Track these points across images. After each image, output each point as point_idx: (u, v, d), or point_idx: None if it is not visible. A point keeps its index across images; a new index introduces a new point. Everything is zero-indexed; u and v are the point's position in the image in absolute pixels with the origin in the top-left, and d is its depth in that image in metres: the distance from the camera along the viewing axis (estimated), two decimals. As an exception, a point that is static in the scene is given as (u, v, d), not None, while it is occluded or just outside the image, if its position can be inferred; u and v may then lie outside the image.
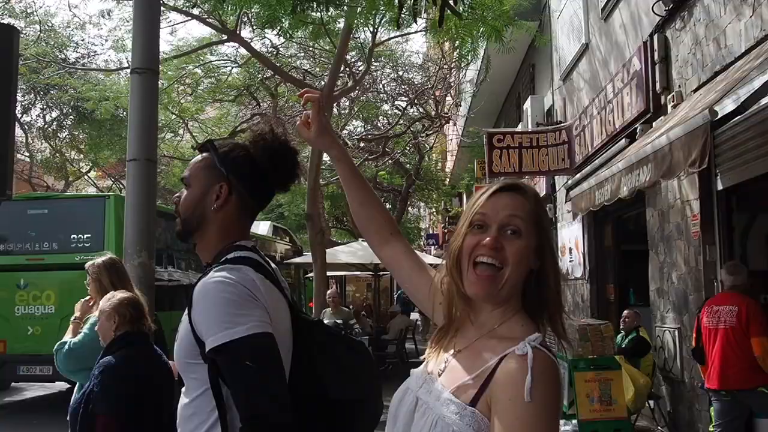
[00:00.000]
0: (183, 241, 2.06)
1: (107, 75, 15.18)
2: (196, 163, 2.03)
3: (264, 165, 1.97)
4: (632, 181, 5.25)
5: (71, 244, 10.32)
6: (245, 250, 1.92)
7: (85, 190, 28.46)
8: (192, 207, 1.97)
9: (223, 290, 1.72)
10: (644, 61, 8.03)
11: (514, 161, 11.59)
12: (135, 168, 4.50)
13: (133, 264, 4.33)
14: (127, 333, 3.73)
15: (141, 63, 4.54)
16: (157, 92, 4.70)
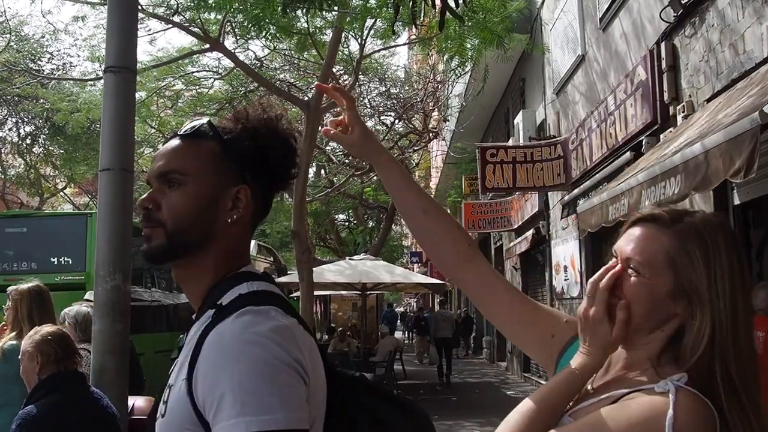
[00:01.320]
0: (158, 262, 1.38)
1: (82, 86, 14.61)
2: (186, 150, 1.39)
3: (274, 157, 1.43)
4: (656, 194, 4.83)
5: (51, 265, 9.82)
6: (257, 279, 1.37)
7: (61, 207, 27.76)
8: (193, 216, 1.35)
9: (254, 352, 1.17)
10: (650, 71, 7.66)
11: (508, 176, 11.22)
12: (108, 178, 3.98)
13: (106, 288, 3.81)
14: (54, 375, 3.23)
15: (116, 61, 4.03)
16: (134, 93, 4.19)
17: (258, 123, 1.42)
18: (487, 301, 1.61)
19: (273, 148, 1.42)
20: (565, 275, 11.85)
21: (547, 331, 1.51)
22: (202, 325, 1.29)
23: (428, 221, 1.64)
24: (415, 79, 17.85)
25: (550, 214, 12.98)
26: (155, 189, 1.38)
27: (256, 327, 1.19)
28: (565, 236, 11.81)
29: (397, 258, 32.74)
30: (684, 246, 1.29)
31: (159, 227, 1.35)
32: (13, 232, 10.20)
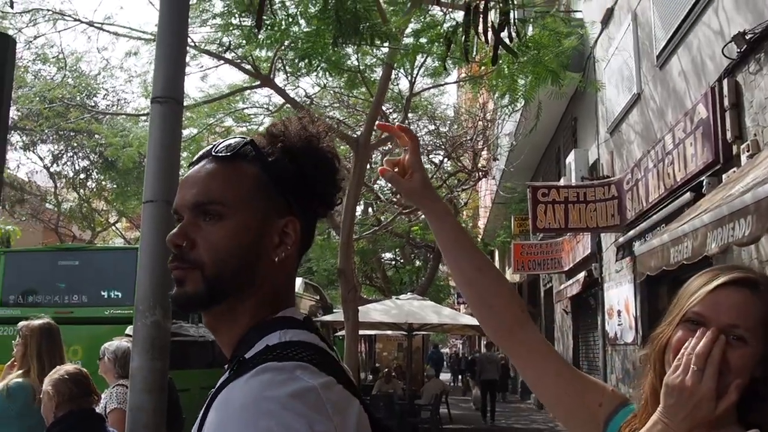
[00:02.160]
0: (192, 310, 1.18)
1: (135, 122, 14.86)
2: (227, 174, 1.16)
3: (319, 181, 1.22)
4: (723, 236, 4.54)
5: (101, 298, 9.91)
6: (294, 326, 1.14)
7: (112, 241, 28.20)
8: (237, 256, 1.13)
9: (262, 424, 0.94)
10: (711, 109, 7.37)
11: (560, 217, 10.93)
12: (152, 210, 3.89)
13: (145, 323, 3.69)
14: (68, 414, 3.33)
15: (163, 92, 3.97)
16: (180, 125, 4.11)
17: (300, 141, 1.20)
18: (535, 370, 1.55)
19: (317, 170, 1.21)
20: (618, 320, 11.43)
21: (596, 401, 1.47)
22: (222, 379, 1.09)
23: (482, 280, 1.56)
24: (465, 118, 17.73)
25: (603, 257, 12.61)
26: (188, 222, 1.16)
27: (273, 391, 0.98)
28: (619, 279, 11.43)
29: (443, 298, 32.37)
30: None
31: (195, 270, 1.13)
32: (66, 265, 10.34)
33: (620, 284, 11.34)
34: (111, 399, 4.49)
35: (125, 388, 4.57)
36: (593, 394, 1.48)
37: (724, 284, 1.29)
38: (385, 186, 20.96)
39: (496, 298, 1.55)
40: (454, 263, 1.58)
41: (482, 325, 1.60)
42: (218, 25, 9.19)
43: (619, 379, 11.45)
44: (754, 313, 1.26)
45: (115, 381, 4.63)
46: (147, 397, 3.63)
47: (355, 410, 1.07)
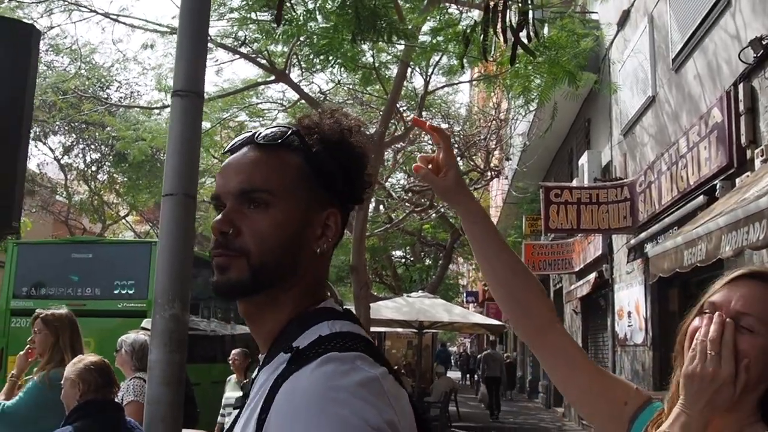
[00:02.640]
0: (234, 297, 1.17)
1: (148, 115, 14.91)
2: (273, 162, 1.16)
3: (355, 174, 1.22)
4: (738, 239, 4.56)
5: (114, 291, 9.89)
6: (339, 317, 1.15)
7: (122, 234, 28.34)
8: (283, 246, 1.13)
9: (336, 412, 0.95)
10: (726, 113, 7.38)
11: (572, 217, 10.94)
12: (171, 204, 3.89)
13: (164, 316, 3.70)
14: (90, 402, 3.38)
15: (184, 85, 3.97)
16: (201, 118, 4.13)
17: (335, 134, 1.20)
18: (563, 369, 1.59)
19: (351, 164, 1.22)
20: (628, 321, 11.44)
21: (621, 399, 1.50)
22: (273, 370, 1.09)
23: (514, 280, 1.58)
24: (479, 117, 17.73)
25: (614, 258, 12.60)
26: (232, 209, 1.14)
27: (341, 380, 0.99)
28: (629, 281, 11.43)
29: (452, 297, 32.39)
30: None
31: (240, 257, 1.12)
32: (79, 258, 10.31)
33: (631, 285, 11.34)
34: (128, 391, 4.53)
35: (142, 381, 4.62)
36: (619, 393, 1.51)
37: (739, 276, 1.35)
38: (397, 184, 21.00)
39: (528, 299, 1.58)
40: (485, 262, 1.59)
41: (513, 324, 1.63)
42: (235, 18, 9.23)
43: (629, 380, 11.44)
44: (765, 304, 1.30)
45: (132, 373, 4.67)
46: (165, 389, 3.65)
47: (407, 400, 1.09)
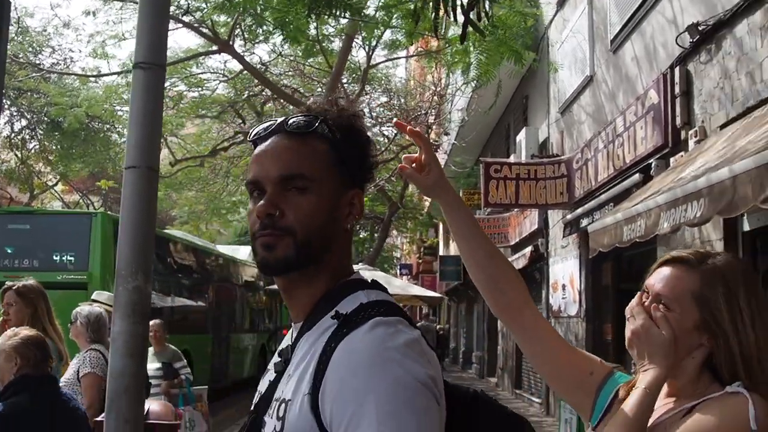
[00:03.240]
0: (281, 273, 1.29)
1: (83, 82, 14.50)
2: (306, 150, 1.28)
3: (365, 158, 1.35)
4: (676, 216, 4.82)
5: (53, 263, 9.84)
6: (369, 287, 1.29)
7: (50, 204, 27.55)
8: (322, 225, 1.26)
9: (391, 369, 1.09)
10: (663, 95, 7.68)
11: (511, 193, 11.22)
12: (133, 176, 3.89)
13: (127, 288, 3.72)
14: (28, 376, 3.33)
15: (146, 57, 3.95)
16: (163, 91, 4.13)
17: (345, 121, 1.32)
18: (535, 344, 1.76)
19: (363, 146, 1.35)
20: (563, 294, 11.85)
21: (587, 370, 1.68)
22: (319, 335, 1.21)
23: (492, 266, 1.74)
24: (418, 91, 17.86)
25: (550, 233, 12.99)
26: (274, 194, 1.26)
27: (391, 341, 1.12)
28: (564, 255, 11.82)
29: (387, 269, 32.71)
30: (708, 286, 1.52)
31: (287, 236, 1.24)
32: (16, 229, 10.17)
33: (566, 259, 11.72)
34: (84, 363, 4.52)
35: (98, 352, 4.62)
36: (585, 365, 1.71)
37: (665, 261, 1.61)
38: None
39: (505, 282, 1.74)
40: (467, 250, 1.74)
41: (491, 304, 1.79)
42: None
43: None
44: (681, 286, 1.54)
45: (87, 345, 4.66)
46: (128, 361, 3.68)
47: (438, 365, 1.21)
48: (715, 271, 1.53)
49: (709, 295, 1.51)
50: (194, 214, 20.51)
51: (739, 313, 1.49)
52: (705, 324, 1.51)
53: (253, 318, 19.62)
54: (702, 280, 1.53)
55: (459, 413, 1.25)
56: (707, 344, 1.51)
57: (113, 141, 16.99)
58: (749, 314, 1.49)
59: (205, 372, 14.89)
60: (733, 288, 1.51)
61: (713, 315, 1.50)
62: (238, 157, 17.29)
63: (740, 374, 1.48)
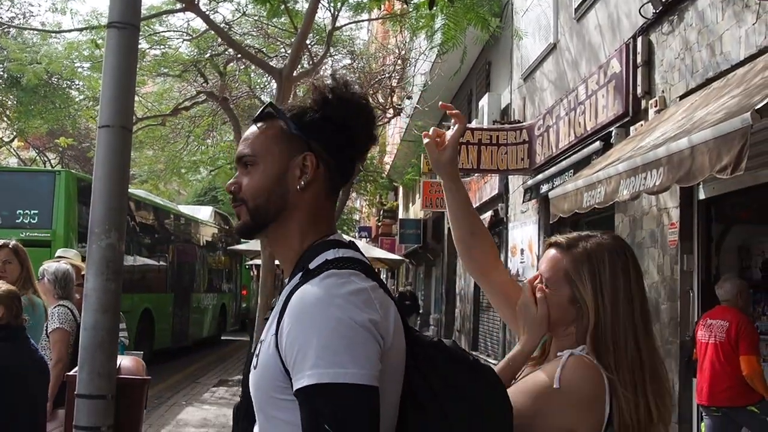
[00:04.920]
0: (248, 237, 1.61)
1: (44, 38, 14.17)
2: (257, 134, 1.53)
3: (346, 125, 1.51)
4: (636, 184, 4.99)
5: (16, 220, 9.90)
6: (343, 246, 1.46)
7: (7, 161, 26.97)
8: (267, 190, 1.48)
9: (332, 312, 1.28)
10: (625, 64, 7.84)
11: (473, 158, 11.36)
12: (107, 135, 3.95)
13: (100, 246, 3.78)
14: (11, 326, 3.65)
15: (121, 17, 3.98)
16: (137, 50, 4.14)
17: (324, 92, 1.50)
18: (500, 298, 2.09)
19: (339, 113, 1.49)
20: (521, 258, 12.09)
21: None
22: (291, 286, 1.41)
23: (474, 240, 2.08)
24: (381, 54, 17.80)
25: (510, 198, 13.20)
26: (238, 173, 1.54)
27: (336, 289, 1.31)
28: (524, 220, 12.04)
29: (347, 231, 32.80)
30: (575, 266, 1.76)
31: (242, 205, 1.51)
32: None
33: (525, 224, 11.95)
34: (53, 319, 4.56)
35: (66, 308, 4.67)
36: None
37: (549, 244, 1.87)
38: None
39: (484, 253, 2.10)
40: (456, 224, 2.08)
41: (467, 266, 2.15)
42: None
43: (518, 313, 12.16)
44: (556, 266, 1.80)
45: (55, 301, 4.70)
46: (102, 316, 3.75)
47: (394, 309, 1.39)
48: (582, 253, 1.77)
49: (576, 274, 1.76)
50: (153, 173, 20.26)
51: (600, 289, 1.73)
52: (574, 299, 1.76)
53: (214, 278, 19.64)
54: (572, 262, 1.77)
55: (420, 357, 1.41)
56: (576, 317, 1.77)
57: (72, 98, 16.67)
58: (610, 291, 1.73)
59: (166, 331, 14.92)
60: (598, 267, 1.74)
61: (579, 291, 1.75)
62: (199, 117, 17.10)
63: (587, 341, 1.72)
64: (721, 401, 5.31)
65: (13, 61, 13.03)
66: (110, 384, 3.75)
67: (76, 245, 9.64)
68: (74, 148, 23.97)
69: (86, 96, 16.49)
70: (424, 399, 1.36)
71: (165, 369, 13.71)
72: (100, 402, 3.64)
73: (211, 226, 19.39)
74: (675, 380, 6.69)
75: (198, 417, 9.83)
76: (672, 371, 6.78)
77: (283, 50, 14.25)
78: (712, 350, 5.37)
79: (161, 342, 14.51)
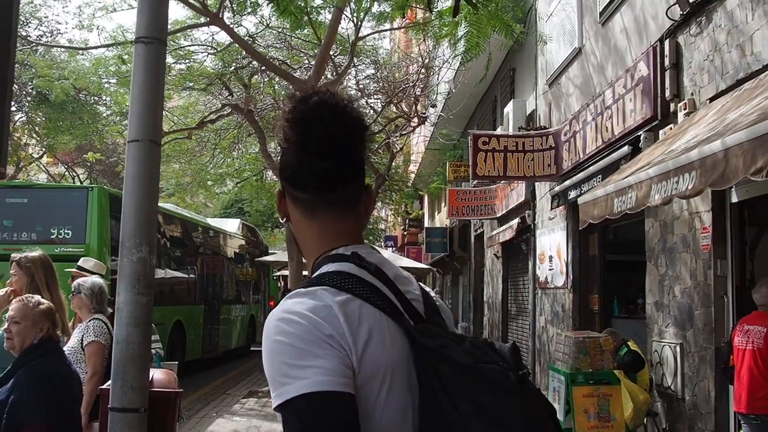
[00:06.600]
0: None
1: (71, 55, 14.37)
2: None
3: (300, 141, 1.43)
4: (668, 188, 4.92)
5: (51, 236, 10.09)
6: (339, 260, 1.44)
7: (36, 176, 27.36)
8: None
9: (280, 332, 1.31)
10: (652, 67, 7.76)
11: (499, 165, 11.30)
12: (136, 150, 3.97)
13: (131, 260, 3.80)
14: (51, 340, 3.69)
15: (148, 32, 4.01)
16: (164, 65, 4.17)
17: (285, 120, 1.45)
18: None
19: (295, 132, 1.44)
20: (549, 265, 11.99)
21: None
22: None
23: None
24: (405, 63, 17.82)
25: (537, 204, 13.10)
26: None
27: (292, 307, 1.33)
28: (551, 226, 11.94)
29: (372, 241, 32.82)
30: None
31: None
32: (14, 203, 10.35)
33: (553, 231, 11.85)
34: (88, 332, 4.61)
35: (101, 321, 4.71)
36: None
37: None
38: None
39: None
40: None
41: None
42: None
43: (548, 321, 12.07)
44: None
45: (90, 315, 4.74)
46: (134, 330, 3.77)
47: (369, 321, 1.34)
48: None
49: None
50: (180, 186, 20.43)
51: None
52: None
53: (242, 289, 19.74)
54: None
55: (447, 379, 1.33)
56: None
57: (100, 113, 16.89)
58: None
59: (196, 342, 15.02)
60: None
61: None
62: (225, 130, 17.23)
63: None
64: (760, 409, 5.20)
65: (42, 77, 13.22)
66: (143, 397, 3.76)
67: (108, 259, 9.77)
68: (102, 162, 24.26)
69: (113, 111, 16.71)
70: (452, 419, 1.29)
71: (195, 380, 13.78)
72: (133, 415, 3.65)
73: (239, 238, 19.50)
74: (711, 387, 6.57)
75: (228, 429, 9.85)
76: (707, 378, 6.67)
77: (307, 61, 14.32)
78: (750, 357, 5.26)
79: (192, 353, 14.62)
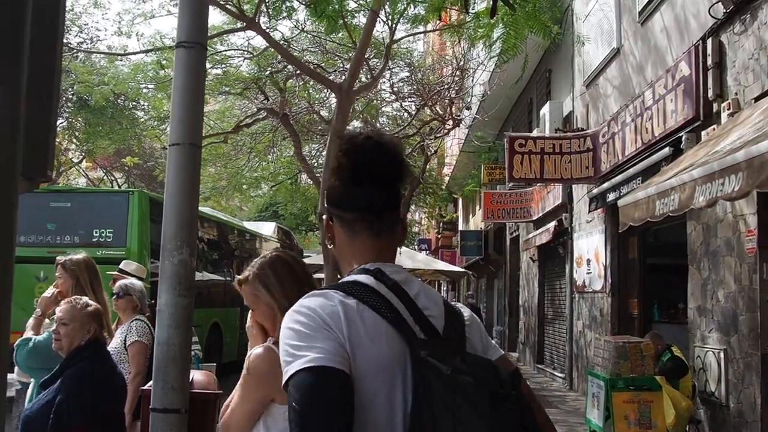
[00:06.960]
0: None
1: (111, 61, 14.58)
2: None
3: (351, 168, 1.67)
4: (713, 190, 4.81)
5: (93, 239, 10.31)
6: (363, 273, 1.62)
7: (76, 181, 27.82)
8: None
9: (292, 320, 1.53)
10: (694, 66, 7.62)
11: (536, 167, 11.21)
12: (177, 153, 3.98)
13: (173, 262, 3.81)
14: (99, 342, 3.74)
15: (189, 36, 4.02)
16: (204, 69, 4.18)
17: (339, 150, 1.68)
18: None
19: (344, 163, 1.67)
20: (587, 268, 11.84)
21: None
22: None
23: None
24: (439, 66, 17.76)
25: (574, 207, 12.95)
26: None
27: (306, 303, 1.52)
28: (589, 229, 11.79)
29: (406, 244, 32.76)
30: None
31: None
32: (58, 207, 10.60)
33: (591, 234, 11.70)
34: (131, 332, 4.68)
35: (143, 322, 4.76)
36: None
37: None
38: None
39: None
40: None
41: None
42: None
43: (586, 325, 11.90)
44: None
45: (132, 316, 4.80)
46: (175, 332, 3.78)
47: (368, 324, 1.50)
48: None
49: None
50: (216, 189, 20.62)
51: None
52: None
53: (277, 292, 19.82)
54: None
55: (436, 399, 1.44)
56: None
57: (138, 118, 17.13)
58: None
59: (233, 344, 15.14)
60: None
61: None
62: (260, 133, 17.33)
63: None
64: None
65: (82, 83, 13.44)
66: (183, 398, 3.78)
67: (148, 262, 9.90)
68: (140, 167, 24.59)
69: (151, 116, 16.92)
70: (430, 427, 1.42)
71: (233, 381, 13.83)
72: (173, 416, 3.67)
73: (274, 241, 19.62)
74: (756, 394, 6.42)
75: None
76: (753, 385, 6.51)
77: (342, 65, 14.32)
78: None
79: (229, 355, 14.73)
